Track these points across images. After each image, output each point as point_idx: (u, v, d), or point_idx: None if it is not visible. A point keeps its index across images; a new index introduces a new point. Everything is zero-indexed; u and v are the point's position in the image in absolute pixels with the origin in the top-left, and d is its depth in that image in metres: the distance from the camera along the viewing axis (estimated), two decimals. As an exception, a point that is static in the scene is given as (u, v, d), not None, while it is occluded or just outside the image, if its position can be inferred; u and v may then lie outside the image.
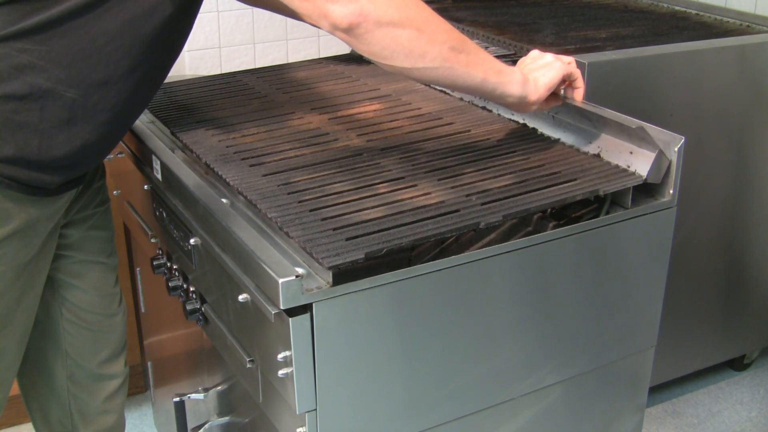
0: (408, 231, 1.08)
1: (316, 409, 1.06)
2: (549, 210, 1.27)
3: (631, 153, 1.27)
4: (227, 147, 1.37)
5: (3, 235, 1.19)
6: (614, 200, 1.26)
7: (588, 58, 1.63)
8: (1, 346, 1.28)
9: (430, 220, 1.11)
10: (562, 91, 1.33)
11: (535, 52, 1.30)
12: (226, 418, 1.42)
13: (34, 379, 1.51)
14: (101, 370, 1.52)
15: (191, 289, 1.35)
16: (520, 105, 1.25)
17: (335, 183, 1.23)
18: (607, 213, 1.25)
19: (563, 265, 1.21)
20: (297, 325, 1.00)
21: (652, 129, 1.25)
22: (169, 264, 1.44)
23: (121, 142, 1.57)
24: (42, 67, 1.12)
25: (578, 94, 1.32)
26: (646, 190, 1.27)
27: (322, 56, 2.13)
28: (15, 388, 1.44)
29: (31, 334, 1.37)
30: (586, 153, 1.33)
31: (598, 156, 1.32)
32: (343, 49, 2.50)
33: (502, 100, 1.23)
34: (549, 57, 1.28)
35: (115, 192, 1.72)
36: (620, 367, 1.35)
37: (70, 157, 1.19)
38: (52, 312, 1.45)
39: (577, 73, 1.31)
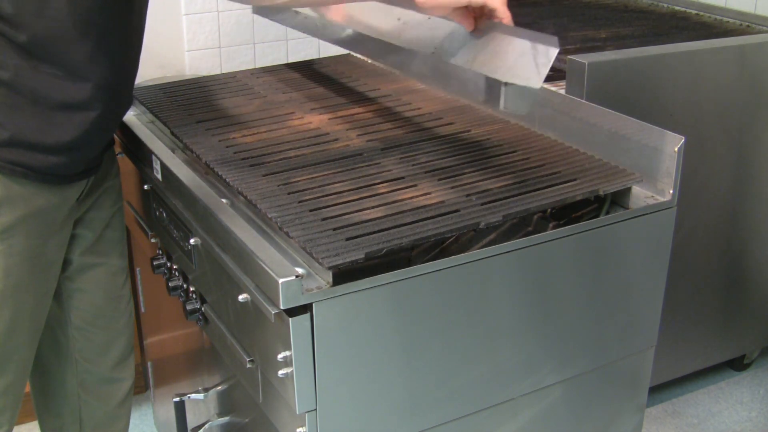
0: (408, 231, 1.08)
1: (316, 409, 1.06)
2: (549, 210, 1.27)
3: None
4: (227, 147, 1.37)
5: (12, 221, 1.19)
6: (614, 200, 1.26)
7: (588, 58, 1.63)
8: (12, 344, 1.27)
9: (430, 220, 1.11)
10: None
11: None
12: (226, 418, 1.42)
13: (45, 389, 1.50)
14: (112, 374, 1.52)
15: (191, 289, 1.35)
16: None
17: (335, 183, 1.23)
18: (607, 213, 1.25)
19: (563, 265, 1.21)
20: (297, 325, 1.00)
21: (652, 129, 1.25)
22: (169, 264, 1.44)
23: (121, 142, 1.57)
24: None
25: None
26: (646, 189, 1.28)
27: (322, 56, 2.13)
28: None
29: (41, 344, 1.36)
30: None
31: None
32: (343, 50, 2.50)
33: None
34: None
35: (115, 192, 1.72)
36: (620, 367, 1.35)
37: (75, 138, 1.19)
38: (62, 318, 1.45)
39: (495, 3, 1.16)
